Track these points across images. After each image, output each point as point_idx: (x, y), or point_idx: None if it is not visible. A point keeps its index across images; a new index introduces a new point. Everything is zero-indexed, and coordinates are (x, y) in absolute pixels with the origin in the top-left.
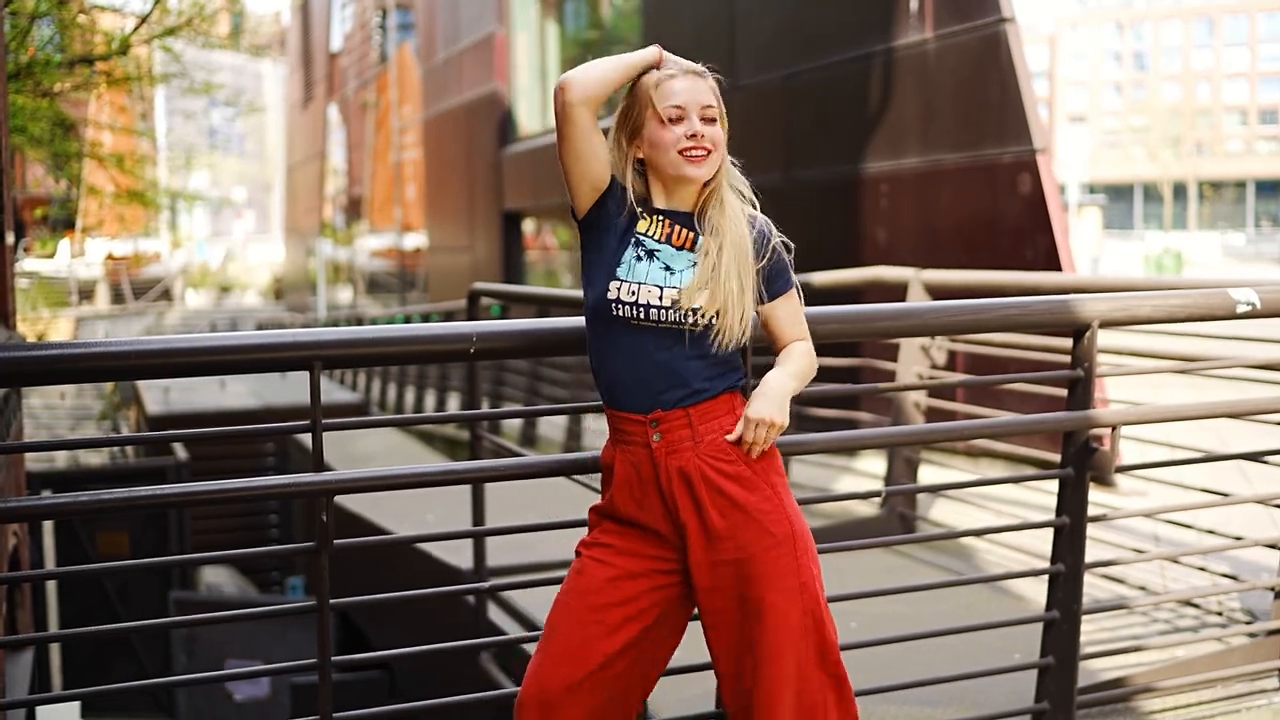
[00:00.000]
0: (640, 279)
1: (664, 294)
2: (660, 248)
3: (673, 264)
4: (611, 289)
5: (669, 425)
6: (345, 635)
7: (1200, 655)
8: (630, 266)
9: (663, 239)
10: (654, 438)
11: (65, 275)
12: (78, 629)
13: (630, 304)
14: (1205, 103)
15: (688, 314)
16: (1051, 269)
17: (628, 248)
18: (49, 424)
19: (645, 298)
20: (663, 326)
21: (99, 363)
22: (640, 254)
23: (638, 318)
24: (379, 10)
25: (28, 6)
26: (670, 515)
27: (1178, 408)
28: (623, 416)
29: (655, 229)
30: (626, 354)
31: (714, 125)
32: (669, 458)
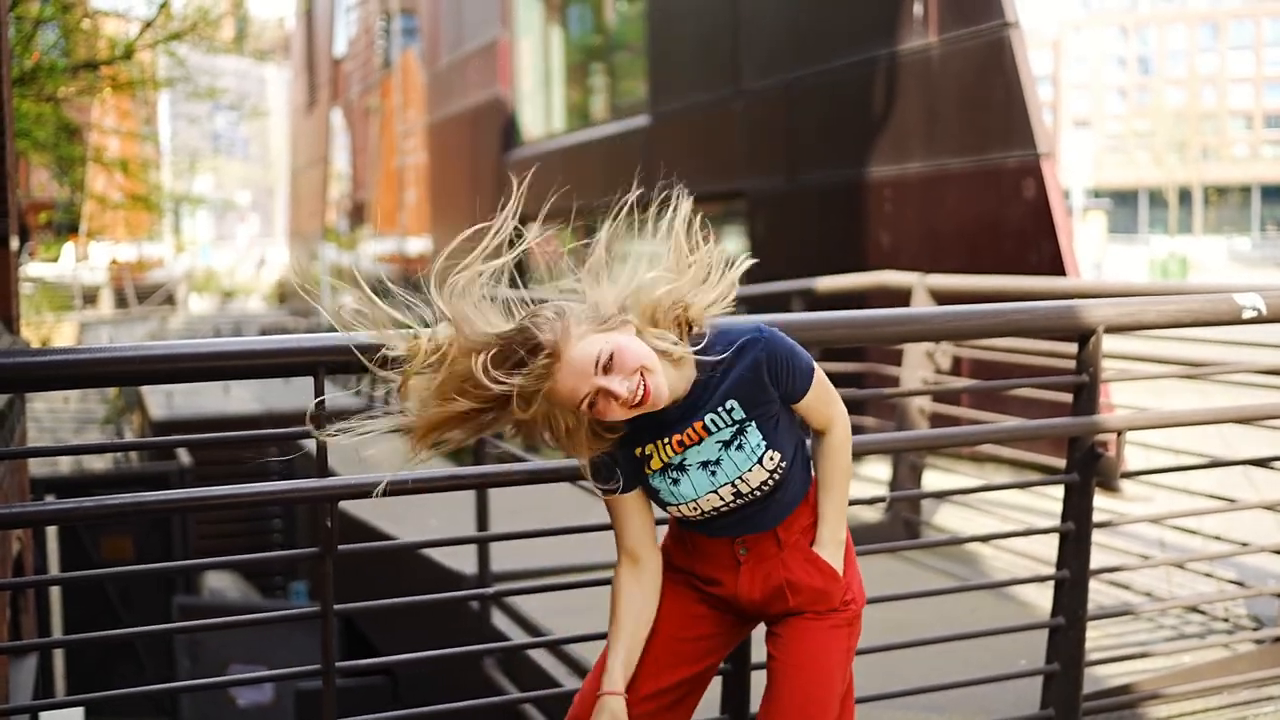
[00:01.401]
0: (692, 496)
1: (720, 493)
2: (684, 458)
3: (707, 460)
4: (671, 510)
5: (755, 541)
6: (348, 640)
7: (1207, 661)
8: (672, 492)
9: (679, 450)
10: (740, 552)
11: (69, 280)
12: (82, 634)
13: (696, 516)
14: (1210, 107)
15: (754, 492)
16: (1056, 274)
17: (658, 479)
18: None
19: (709, 506)
20: (737, 508)
21: (103, 368)
22: (674, 476)
23: (710, 517)
24: (383, 15)
25: (32, 11)
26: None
27: (1183, 413)
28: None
29: (665, 452)
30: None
31: (639, 373)
32: (756, 567)
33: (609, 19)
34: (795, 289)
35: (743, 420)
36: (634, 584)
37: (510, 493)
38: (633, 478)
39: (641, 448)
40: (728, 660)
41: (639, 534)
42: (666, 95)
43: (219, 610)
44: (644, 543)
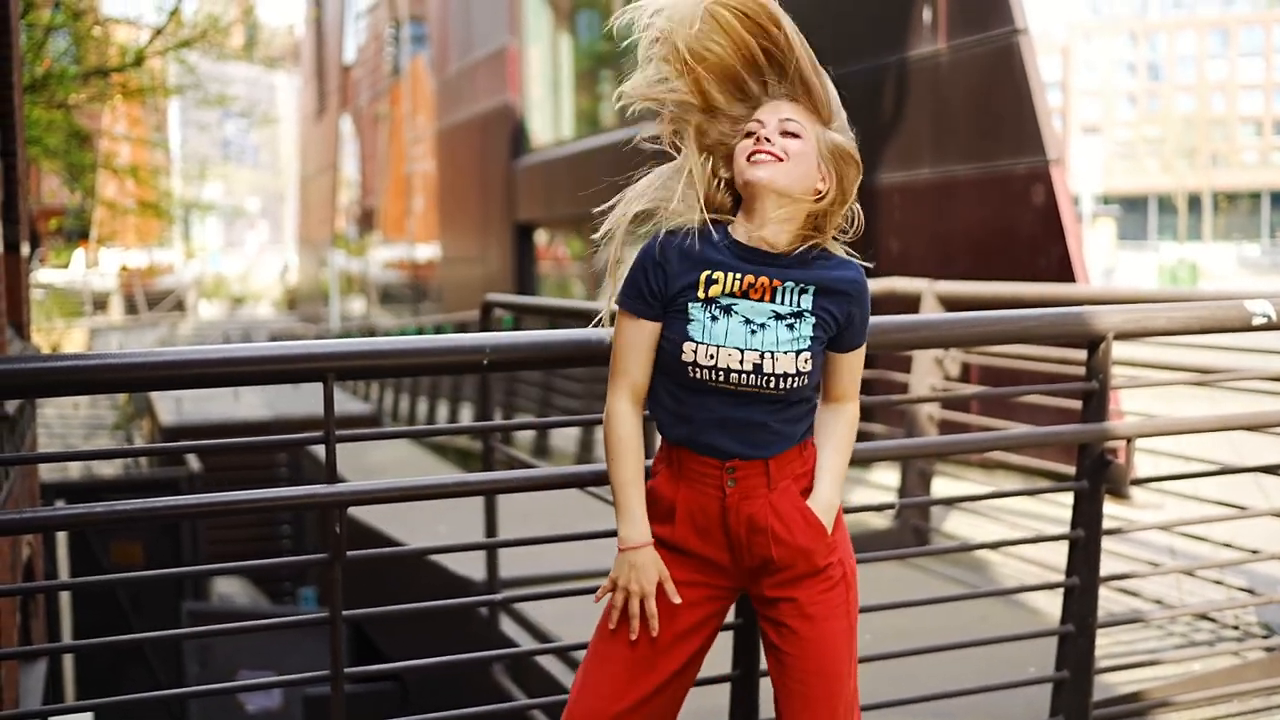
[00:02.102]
0: (719, 340)
1: (744, 357)
2: (736, 302)
3: (753, 318)
4: (687, 350)
5: (745, 472)
6: (356, 645)
7: (1216, 669)
8: (705, 327)
9: (739, 293)
10: (729, 482)
11: (79, 286)
12: (91, 640)
13: (709, 368)
14: (1220, 113)
15: (770, 379)
16: (1065, 280)
17: (700, 307)
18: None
19: (725, 361)
20: (743, 389)
21: (113, 374)
22: (715, 313)
23: (716, 380)
24: (392, 22)
25: (43, 19)
26: (733, 552)
27: (1193, 420)
28: (693, 457)
29: (729, 284)
30: (703, 409)
31: (795, 139)
32: (742, 502)
33: (618, 26)
34: None
35: (805, 310)
36: (635, 415)
37: (519, 499)
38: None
39: (712, 270)
40: (735, 666)
41: (644, 370)
42: None
43: (228, 616)
44: (645, 380)
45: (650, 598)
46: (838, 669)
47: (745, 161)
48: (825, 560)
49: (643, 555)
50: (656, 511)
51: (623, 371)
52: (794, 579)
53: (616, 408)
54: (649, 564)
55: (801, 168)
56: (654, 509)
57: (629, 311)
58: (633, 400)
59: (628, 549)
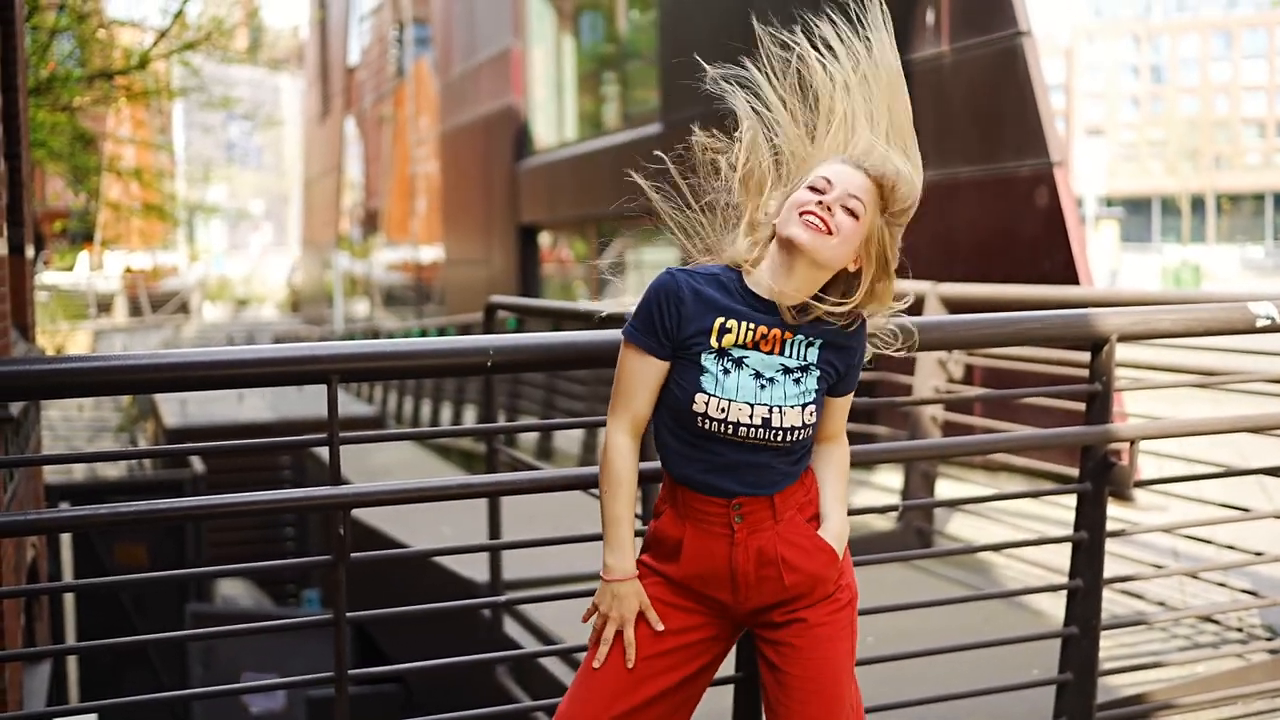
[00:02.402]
0: (731, 395)
1: (754, 412)
2: (748, 354)
3: (763, 371)
4: (699, 401)
5: (751, 508)
6: (359, 647)
7: (1220, 672)
8: (718, 380)
9: (750, 345)
10: (736, 519)
11: (84, 288)
12: (95, 641)
13: (719, 421)
14: (1223, 115)
15: (779, 433)
16: (1069, 282)
17: (714, 358)
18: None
19: (736, 416)
20: (752, 442)
21: (117, 376)
22: (727, 365)
23: (725, 433)
24: (396, 25)
25: (48, 22)
26: (737, 593)
27: (1197, 422)
28: (698, 496)
29: (742, 335)
30: (710, 454)
31: (852, 219)
32: (750, 537)
33: (621, 28)
34: None
35: (811, 364)
36: (633, 450)
37: (522, 501)
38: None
39: (725, 318)
40: (739, 668)
41: (648, 404)
42: (679, 103)
43: (232, 618)
44: (647, 414)
45: (629, 625)
46: (838, 690)
47: (796, 216)
48: (835, 585)
49: (625, 587)
50: (660, 550)
51: (625, 404)
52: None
53: (616, 440)
54: (630, 595)
55: (844, 249)
56: (658, 548)
57: (638, 346)
58: (633, 433)
59: (612, 580)
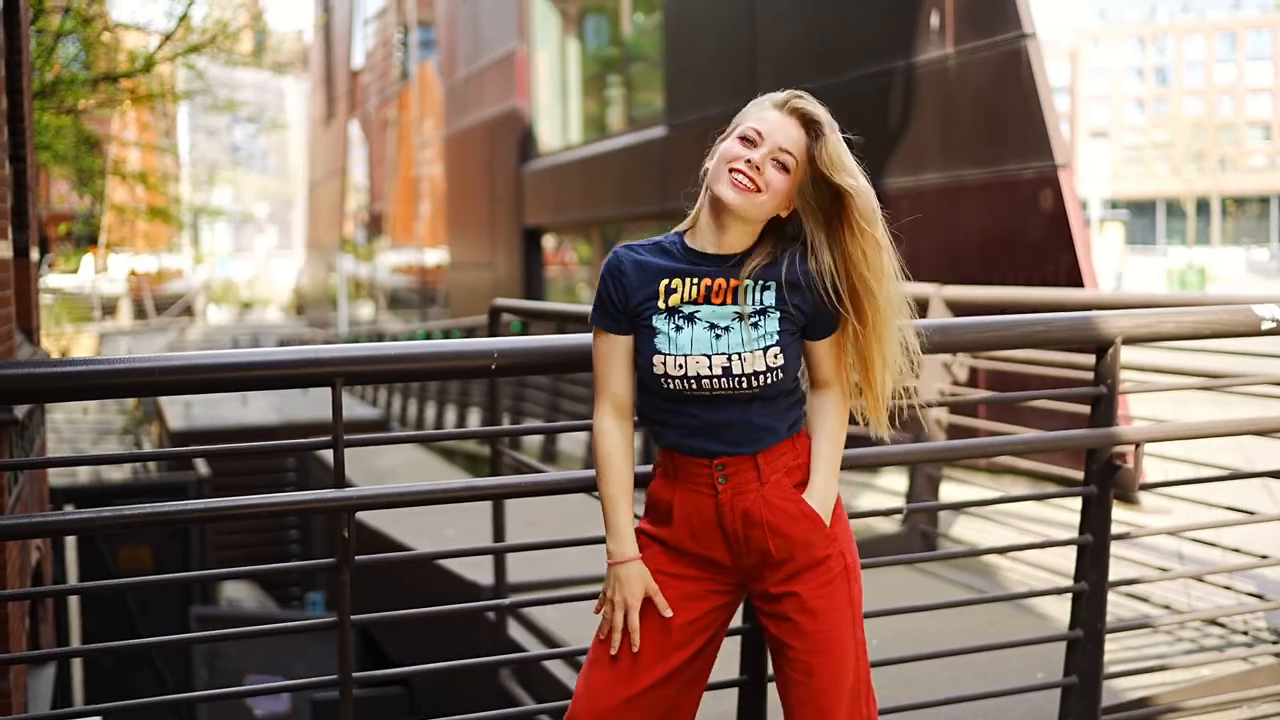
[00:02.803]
0: (685, 350)
1: (712, 362)
2: (699, 308)
3: (716, 321)
4: (657, 363)
5: (735, 468)
6: (363, 649)
7: (1226, 675)
8: (670, 338)
9: (699, 299)
10: (720, 480)
11: (88, 291)
12: (99, 644)
13: (679, 377)
14: (1228, 117)
15: (742, 379)
16: (1074, 285)
17: (664, 318)
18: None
19: (694, 369)
20: (718, 393)
21: (122, 379)
22: (679, 322)
23: (689, 389)
24: (401, 28)
25: (53, 25)
26: (731, 549)
27: (1202, 425)
28: (684, 458)
29: (688, 291)
30: (683, 415)
31: (781, 173)
32: (735, 499)
33: (626, 31)
34: None
35: (769, 306)
36: (621, 430)
37: (527, 504)
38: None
39: (669, 278)
40: (743, 671)
41: (624, 382)
42: (683, 107)
43: (236, 620)
44: (627, 393)
45: (634, 611)
46: (842, 664)
47: (725, 173)
48: (825, 552)
49: (628, 569)
50: (656, 514)
51: (602, 387)
52: (795, 572)
53: (600, 424)
54: (635, 578)
55: (774, 202)
56: (654, 512)
57: (599, 327)
58: (616, 415)
59: (614, 563)
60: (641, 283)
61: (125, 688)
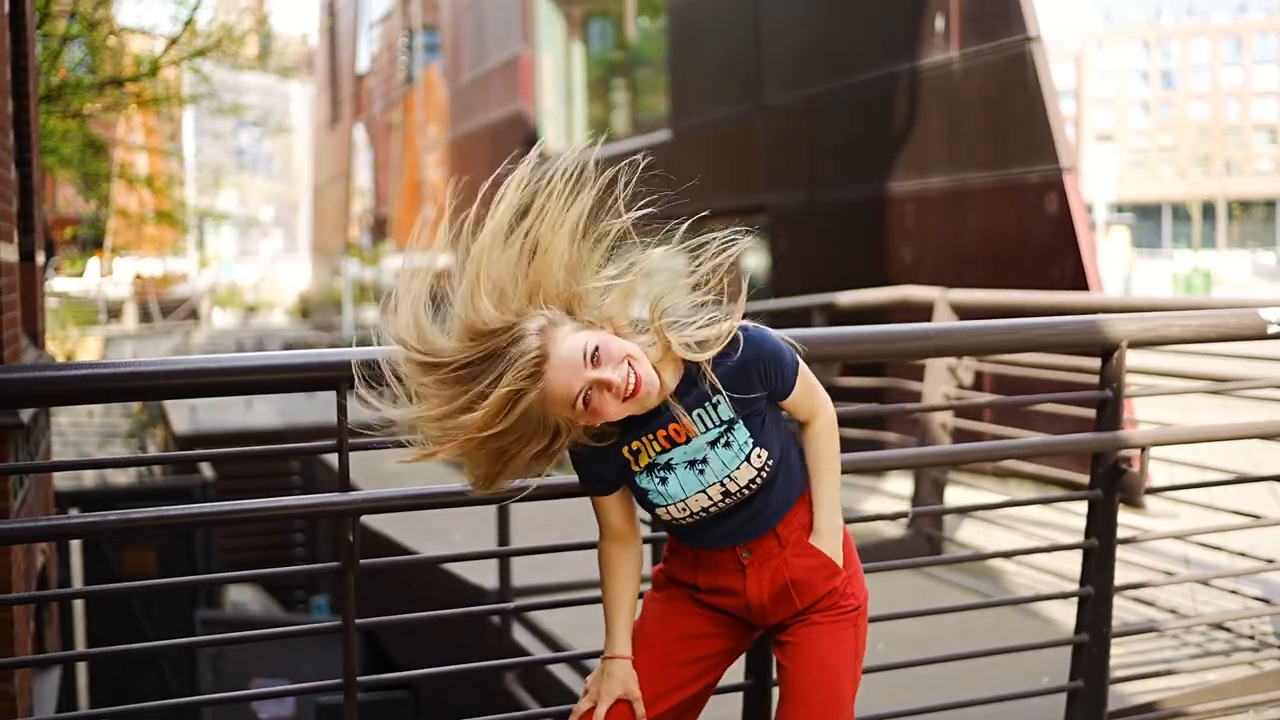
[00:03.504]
0: (679, 496)
1: (709, 493)
2: (669, 454)
3: (694, 459)
4: (660, 513)
5: (758, 544)
6: (368, 653)
7: (1232, 679)
8: (661, 494)
9: (667, 446)
10: (744, 555)
11: (94, 295)
12: (104, 648)
13: (685, 516)
14: (1234, 121)
15: (741, 491)
16: (1079, 288)
17: (645, 477)
18: (77, 443)
19: (696, 506)
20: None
21: (127, 383)
22: (661, 475)
23: (699, 520)
24: (405, 31)
25: (59, 29)
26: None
27: (1208, 429)
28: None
29: (651, 447)
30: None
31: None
32: (761, 569)
33: (630, 35)
34: (817, 304)
35: (730, 419)
36: (622, 553)
37: (532, 508)
38: (618, 478)
39: (628, 445)
40: (748, 675)
41: (624, 520)
42: (688, 110)
43: (241, 624)
44: (629, 525)
45: (604, 706)
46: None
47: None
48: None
49: (615, 665)
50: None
51: (601, 524)
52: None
53: (602, 550)
54: (618, 677)
55: (646, 369)
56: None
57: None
58: (616, 542)
59: (607, 658)
60: (608, 461)
61: (130, 691)
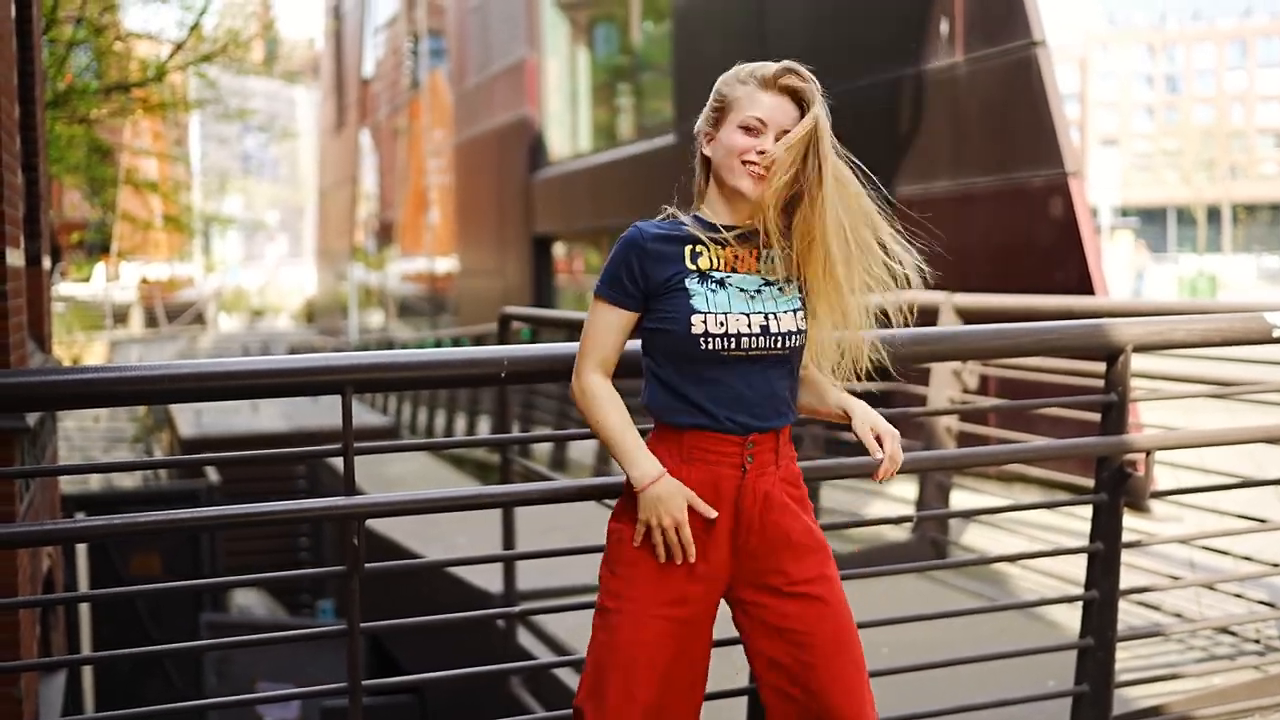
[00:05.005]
0: (725, 308)
1: (751, 320)
2: (728, 275)
3: (746, 287)
4: (696, 323)
5: (761, 448)
6: (373, 657)
7: (1237, 683)
8: (708, 298)
9: (727, 268)
10: (748, 459)
11: (100, 299)
12: (110, 651)
13: (720, 335)
14: (1239, 125)
15: (778, 338)
16: (1084, 292)
17: (696, 281)
18: (83, 447)
19: (735, 327)
20: (754, 354)
21: (133, 387)
22: (713, 286)
23: (729, 348)
24: (411, 36)
25: (65, 34)
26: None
27: (1213, 433)
28: (712, 437)
29: (717, 260)
30: (719, 386)
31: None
32: (758, 480)
33: (635, 39)
34: None
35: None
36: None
37: (536, 511)
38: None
39: (695, 246)
40: (753, 680)
41: (617, 351)
42: (693, 115)
43: (247, 628)
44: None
45: (684, 525)
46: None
47: (739, 165)
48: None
49: (663, 486)
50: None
51: (594, 350)
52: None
53: (589, 379)
54: (674, 492)
55: (784, 177)
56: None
57: (607, 299)
58: (603, 373)
59: (645, 487)
60: (666, 255)
61: (136, 694)
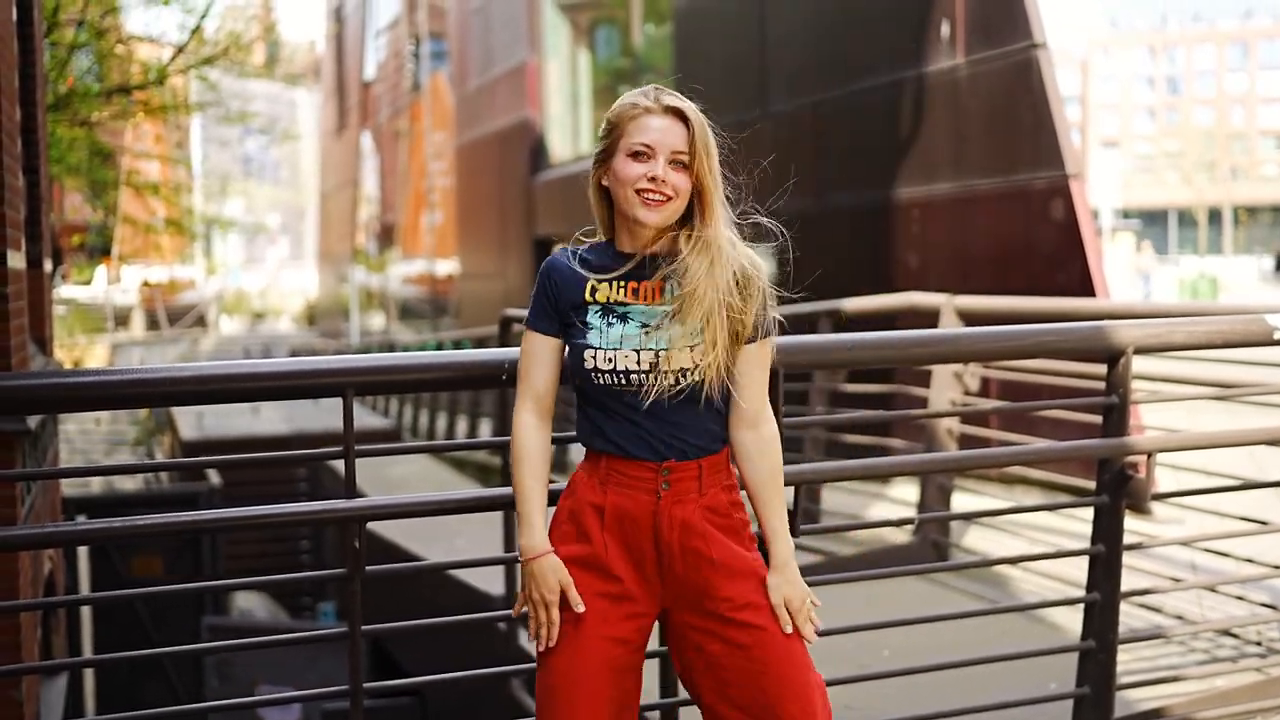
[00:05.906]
0: (614, 344)
1: (640, 358)
2: (629, 307)
3: (647, 320)
4: (588, 358)
5: (680, 475)
6: (374, 659)
7: (1239, 685)
8: (602, 333)
9: (628, 299)
10: (663, 485)
11: (101, 302)
12: (111, 654)
13: (609, 372)
14: (1240, 127)
15: (669, 376)
16: (1085, 294)
17: (597, 315)
18: (84, 449)
19: (623, 364)
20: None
21: (134, 389)
22: (611, 320)
23: (619, 384)
24: (412, 39)
25: (67, 37)
26: (658, 561)
27: (1214, 434)
28: (626, 463)
29: (614, 292)
30: (626, 423)
31: (681, 172)
32: (674, 506)
33: (636, 42)
34: (823, 310)
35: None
36: (540, 429)
37: None
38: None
39: (598, 277)
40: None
41: (547, 382)
42: None
43: (248, 630)
44: (549, 392)
45: (553, 606)
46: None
47: (634, 195)
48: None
49: (541, 564)
50: (579, 528)
51: (524, 383)
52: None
53: (520, 419)
54: (547, 572)
55: (684, 200)
56: (578, 524)
57: (530, 327)
58: (537, 412)
59: (528, 560)
60: (573, 282)
61: (137, 697)
